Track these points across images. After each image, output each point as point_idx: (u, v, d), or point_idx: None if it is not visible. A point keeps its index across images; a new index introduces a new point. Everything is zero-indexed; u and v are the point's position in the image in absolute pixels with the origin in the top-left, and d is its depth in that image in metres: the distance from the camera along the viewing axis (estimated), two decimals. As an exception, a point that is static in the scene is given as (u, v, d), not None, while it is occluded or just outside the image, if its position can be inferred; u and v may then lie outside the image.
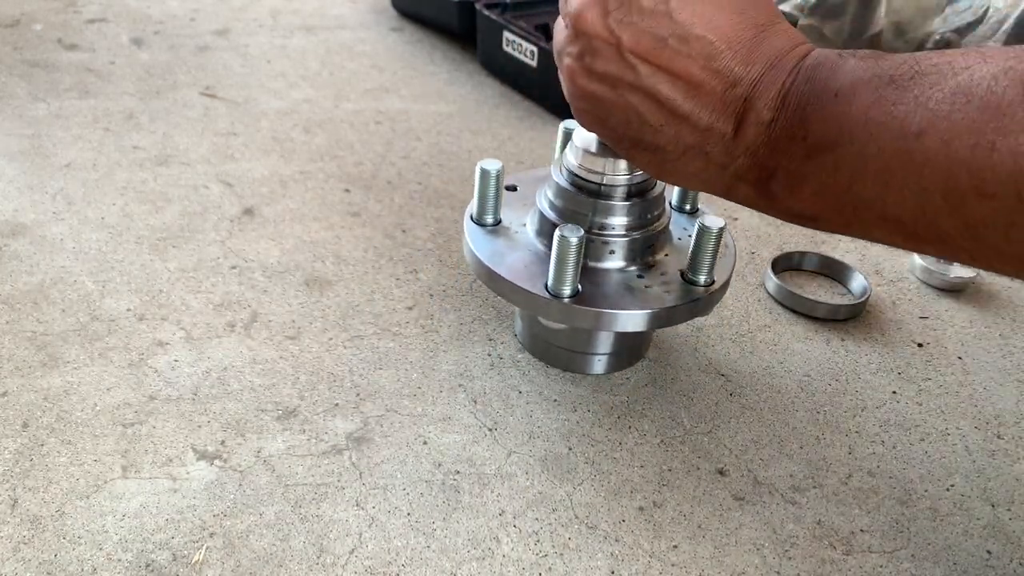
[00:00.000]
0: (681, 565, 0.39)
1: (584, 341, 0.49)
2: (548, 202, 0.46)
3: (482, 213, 0.48)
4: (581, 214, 0.45)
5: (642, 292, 0.44)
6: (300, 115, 0.77)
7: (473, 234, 0.48)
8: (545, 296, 0.43)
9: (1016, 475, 0.46)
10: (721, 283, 0.45)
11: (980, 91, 0.27)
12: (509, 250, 0.46)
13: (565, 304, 0.43)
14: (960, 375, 0.53)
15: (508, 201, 0.50)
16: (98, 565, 0.37)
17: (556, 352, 0.50)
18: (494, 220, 0.48)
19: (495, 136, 0.76)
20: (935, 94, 0.28)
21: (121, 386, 0.46)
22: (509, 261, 0.45)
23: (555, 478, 0.43)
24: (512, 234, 0.48)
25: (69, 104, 0.75)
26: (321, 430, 0.45)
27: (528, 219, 0.49)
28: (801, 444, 0.47)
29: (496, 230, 0.48)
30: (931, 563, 0.40)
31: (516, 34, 0.81)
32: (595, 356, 0.49)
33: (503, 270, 0.45)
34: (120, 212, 0.61)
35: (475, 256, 0.46)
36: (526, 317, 0.51)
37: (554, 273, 0.42)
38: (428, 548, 0.39)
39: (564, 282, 0.42)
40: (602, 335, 0.48)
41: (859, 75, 0.31)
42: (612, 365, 0.50)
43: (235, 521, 0.39)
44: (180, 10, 0.98)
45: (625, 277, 0.45)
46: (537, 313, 0.46)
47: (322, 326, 0.52)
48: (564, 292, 0.43)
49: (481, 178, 0.47)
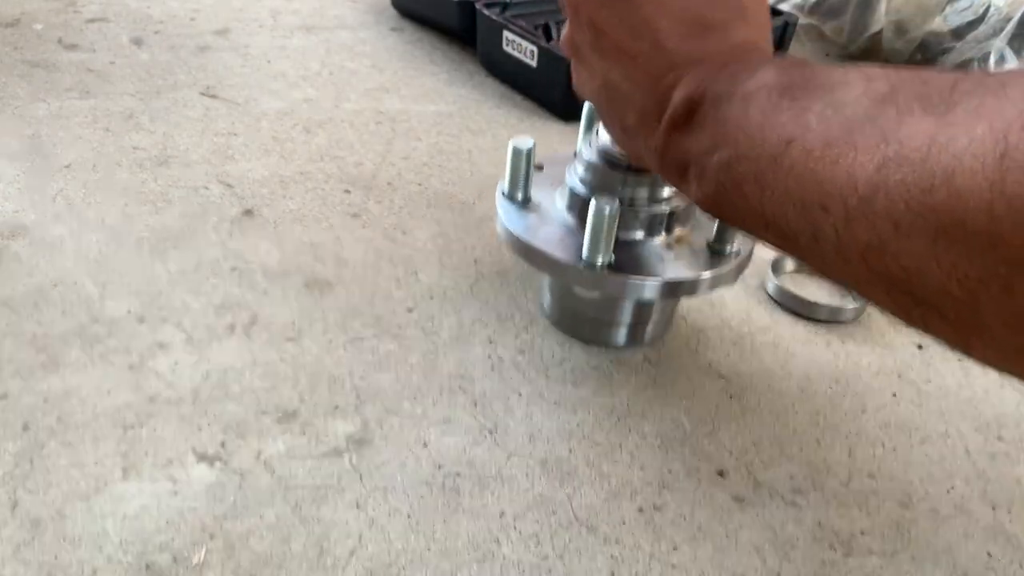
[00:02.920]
0: (681, 567, 0.39)
1: (612, 312, 0.51)
2: (578, 177, 0.49)
3: (514, 190, 0.50)
4: (611, 188, 0.47)
5: (670, 261, 0.47)
6: (300, 115, 0.77)
7: (506, 210, 0.50)
8: (580, 266, 0.45)
9: (1017, 477, 0.46)
10: (747, 253, 0.48)
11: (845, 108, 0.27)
12: (542, 224, 0.49)
13: (599, 273, 0.45)
14: (960, 377, 0.53)
15: (538, 180, 0.52)
16: (98, 567, 0.37)
17: (584, 324, 0.52)
18: (524, 197, 0.51)
19: (495, 136, 0.76)
20: (813, 105, 0.29)
21: (121, 388, 0.46)
22: (543, 234, 0.48)
23: (555, 480, 0.43)
24: (543, 209, 0.50)
25: (69, 104, 0.75)
26: (321, 432, 0.45)
27: (557, 195, 0.51)
28: (801, 446, 0.47)
29: (527, 206, 0.50)
30: (931, 565, 0.40)
31: (516, 34, 0.81)
32: (622, 327, 0.51)
33: (538, 242, 0.47)
34: (120, 213, 0.61)
35: (509, 231, 0.48)
36: (556, 291, 0.52)
37: (589, 243, 0.45)
38: (428, 550, 0.39)
39: (598, 251, 0.45)
40: (629, 306, 0.50)
41: (767, 81, 0.31)
42: (638, 336, 0.52)
43: (235, 523, 0.39)
44: (180, 10, 0.98)
45: (654, 248, 0.48)
46: (572, 282, 0.48)
47: (322, 328, 0.52)
48: (598, 261, 0.45)
49: (513, 156, 0.49)
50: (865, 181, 0.25)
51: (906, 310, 0.27)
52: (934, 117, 0.24)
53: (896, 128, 0.25)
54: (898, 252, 0.25)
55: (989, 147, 0.22)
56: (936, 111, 0.24)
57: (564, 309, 0.52)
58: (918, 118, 0.25)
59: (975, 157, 0.22)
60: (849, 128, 0.27)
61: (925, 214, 0.23)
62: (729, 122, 0.32)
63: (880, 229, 0.25)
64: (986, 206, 0.22)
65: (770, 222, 0.31)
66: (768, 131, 0.30)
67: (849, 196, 0.26)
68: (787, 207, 0.29)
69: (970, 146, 0.22)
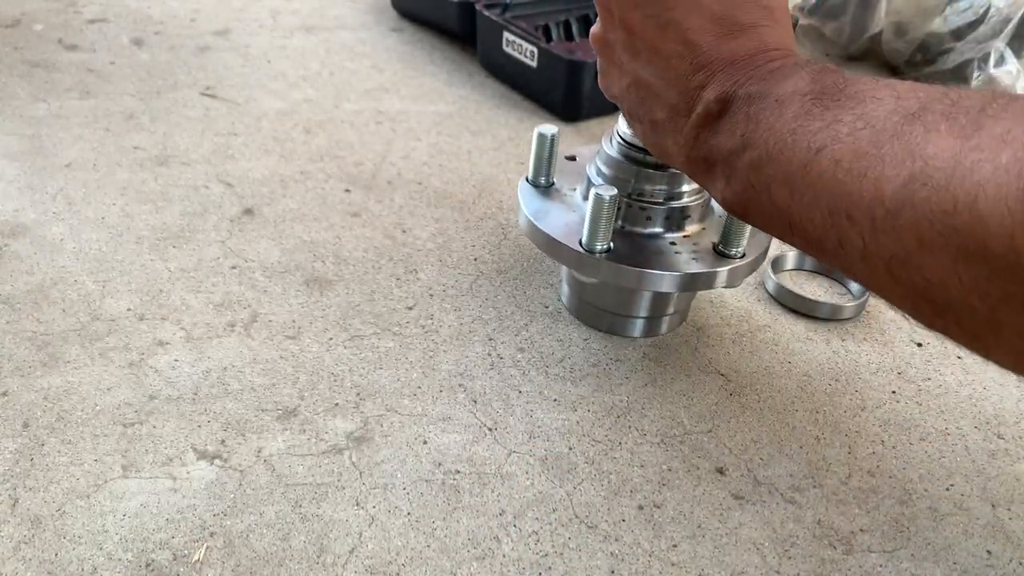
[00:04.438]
0: (681, 564, 0.39)
1: (625, 303, 0.52)
2: (596, 168, 0.50)
3: (537, 174, 0.53)
4: (623, 180, 0.48)
5: (671, 256, 0.48)
6: (300, 115, 0.77)
7: (525, 192, 0.52)
8: (579, 250, 0.47)
9: (1016, 475, 0.46)
10: (751, 258, 0.48)
11: (876, 121, 0.28)
12: (555, 209, 0.51)
13: (596, 259, 0.46)
14: (960, 375, 0.53)
15: (567, 170, 0.54)
16: (98, 564, 0.37)
17: (599, 314, 0.53)
18: (547, 182, 0.53)
19: (495, 136, 0.76)
20: (845, 116, 0.30)
21: (121, 386, 0.46)
22: (552, 218, 0.50)
23: (555, 478, 0.43)
24: (563, 196, 0.52)
25: (69, 104, 0.75)
26: (321, 430, 0.45)
27: (579, 184, 0.53)
28: (801, 444, 0.47)
29: (548, 191, 0.53)
30: (931, 563, 0.40)
31: (516, 34, 0.81)
32: (636, 319, 0.52)
33: (544, 225, 0.49)
34: (120, 212, 0.61)
35: (521, 211, 0.51)
36: (572, 282, 0.54)
37: (588, 229, 0.46)
38: (428, 547, 0.39)
39: (597, 238, 0.46)
40: (642, 299, 0.51)
41: (799, 87, 0.32)
42: (652, 329, 0.53)
43: (235, 521, 0.39)
44: (180, 10, 0.98)
45: (659, 242, 0.49)
46: (570, 266, 0.49)
47: (322, 326, 0.52)
48: (597, 248, 0.46)
49: (538, 141, 0.51)
50: (892, 195, 0.26)
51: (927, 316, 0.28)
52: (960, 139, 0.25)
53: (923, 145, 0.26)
54: (921, 265, 0.26)
55: (1013, 176, 0.23)
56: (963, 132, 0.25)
57: (581, 299, 0.54)
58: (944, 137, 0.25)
59: (999, 186, 0.23)
60: (878, 142, 0.27)
61: (948, 233, 0.24)
62: (761, 124, 0.33)
63: (905, 242, 0.26)
64: (1008, 232, 0.23)
65: (795, 225, 0.32)
66: (800, 137, 0.31)
67: (876, 208, 0.27)
68: (814, 213, 0.30)
69: (994, 174, 0.23)
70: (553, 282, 0.58)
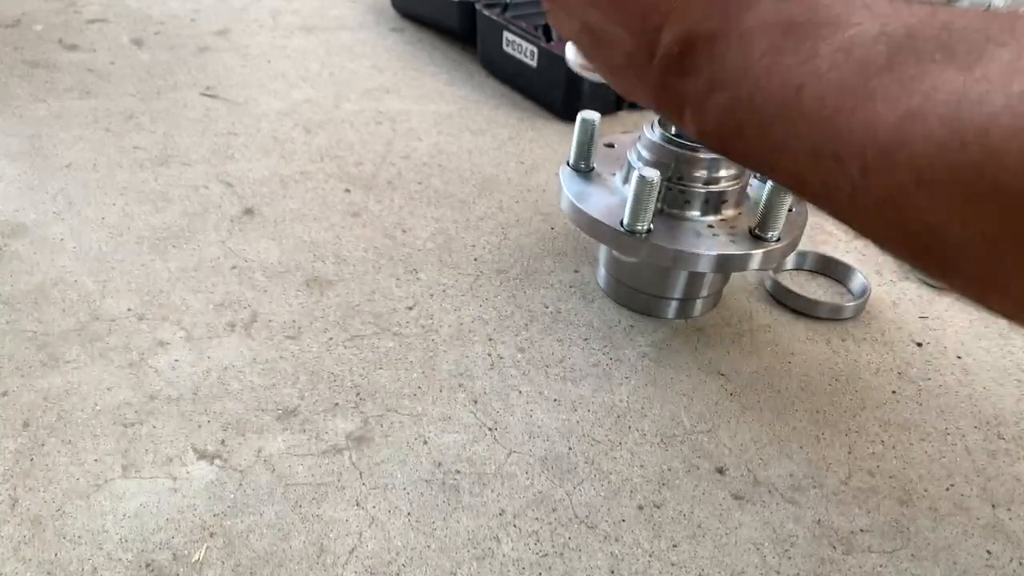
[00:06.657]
0: (681, 564, 0.39)
1: (660, 284, 0.54)
2: (637, 153, 0.52)
3: (578, 159, 0.55)
4: (664, 163, 0.50)
5: (709, 238, 0.49)
6: (300, 115, 0.77)
7: (567, 176, 0.54)
8: (620, 230, 0.49)
9: (1016, 475, 0.46)
10: (786, 242, 0.50)
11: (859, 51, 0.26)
12: (596, 192, 0.53)
13: (636, 239, 0.49)
14: (960, 375, 0.53)
15: (605, 156, 0.56)
16: (98, 564, 0.37)
17: (634, 295, 0.55)
18: (587, 167, 0.55)
19: (495, 136, 0.76)
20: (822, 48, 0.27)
21: (121, 386, 0.46)
22: (593, 200, 0.52)
23: (555, 478, 0.43)
24: (603, 180, 0.54)
25: (69, 104, 0.75)
26: (321, 430, 0.45)
27: (618, 169, 0.55)
28: (801, 444, 0.47)
29: (589, 176, 0.55)
30: (931, 563, 0.40)
31: (516, 34, 0.81)
32: (671, 300, 0.55)
33: (586, 206, 0.51)
34: (120, 212, 0.61)
35: (564, 194, 0.52)
36: (609, 264, 0.56)
37: (631, 209, 0.48)
38: (428, 547, 0.39)
39: (638, 219, 0.48)
40: (678, 279, 0.53)
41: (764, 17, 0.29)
42: (685, 311, 0.55)
43: (235, 521, 0.39)
44: (180, 10, 0.98)
45: (697, 225, 0.51)
46: (611, 245, 0.51)
47: (322, 326, 0.52)
48: (637, 228, 0.48)
49: (580, 127, 0.53)
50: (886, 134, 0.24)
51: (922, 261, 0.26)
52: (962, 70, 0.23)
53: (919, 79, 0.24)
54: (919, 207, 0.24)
55: None
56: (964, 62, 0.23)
57: (619, 280, 0.55)
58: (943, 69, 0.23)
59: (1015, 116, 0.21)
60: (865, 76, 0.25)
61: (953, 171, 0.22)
62: (727, 63, 0.30)
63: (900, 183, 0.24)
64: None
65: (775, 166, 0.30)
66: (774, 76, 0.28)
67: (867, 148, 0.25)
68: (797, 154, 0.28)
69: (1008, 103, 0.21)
70: (553, 282, 0.58)
